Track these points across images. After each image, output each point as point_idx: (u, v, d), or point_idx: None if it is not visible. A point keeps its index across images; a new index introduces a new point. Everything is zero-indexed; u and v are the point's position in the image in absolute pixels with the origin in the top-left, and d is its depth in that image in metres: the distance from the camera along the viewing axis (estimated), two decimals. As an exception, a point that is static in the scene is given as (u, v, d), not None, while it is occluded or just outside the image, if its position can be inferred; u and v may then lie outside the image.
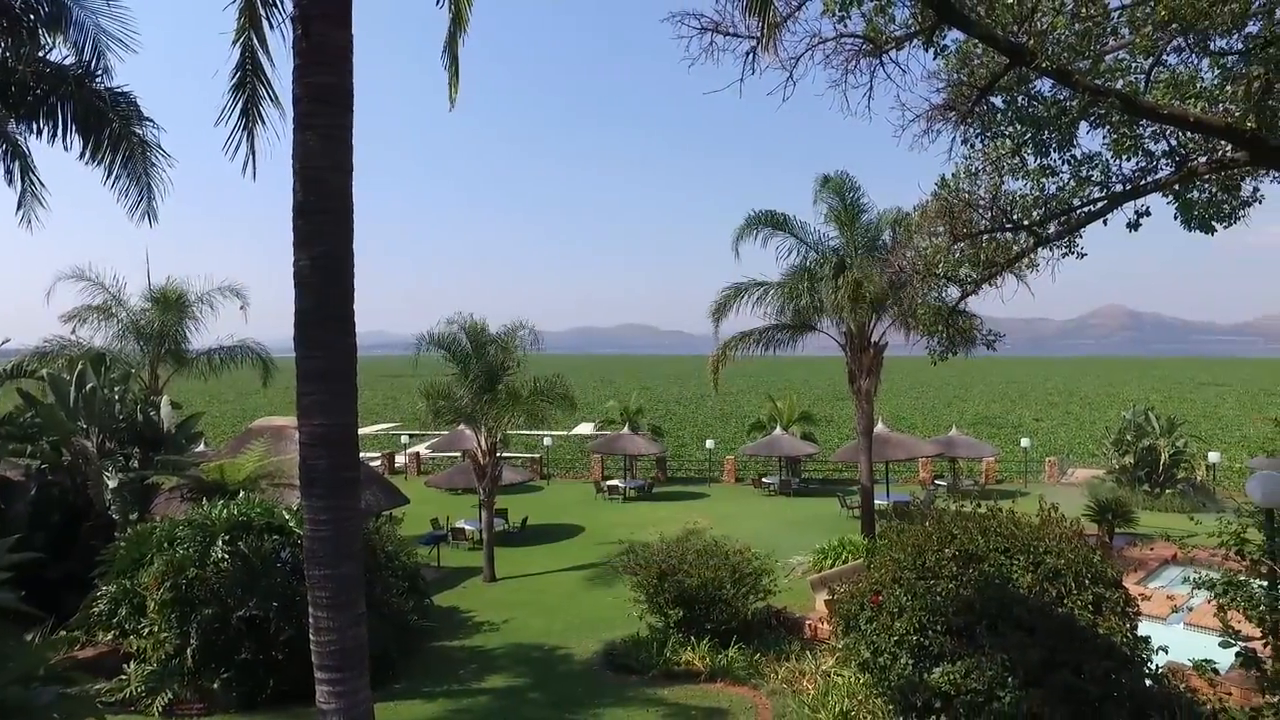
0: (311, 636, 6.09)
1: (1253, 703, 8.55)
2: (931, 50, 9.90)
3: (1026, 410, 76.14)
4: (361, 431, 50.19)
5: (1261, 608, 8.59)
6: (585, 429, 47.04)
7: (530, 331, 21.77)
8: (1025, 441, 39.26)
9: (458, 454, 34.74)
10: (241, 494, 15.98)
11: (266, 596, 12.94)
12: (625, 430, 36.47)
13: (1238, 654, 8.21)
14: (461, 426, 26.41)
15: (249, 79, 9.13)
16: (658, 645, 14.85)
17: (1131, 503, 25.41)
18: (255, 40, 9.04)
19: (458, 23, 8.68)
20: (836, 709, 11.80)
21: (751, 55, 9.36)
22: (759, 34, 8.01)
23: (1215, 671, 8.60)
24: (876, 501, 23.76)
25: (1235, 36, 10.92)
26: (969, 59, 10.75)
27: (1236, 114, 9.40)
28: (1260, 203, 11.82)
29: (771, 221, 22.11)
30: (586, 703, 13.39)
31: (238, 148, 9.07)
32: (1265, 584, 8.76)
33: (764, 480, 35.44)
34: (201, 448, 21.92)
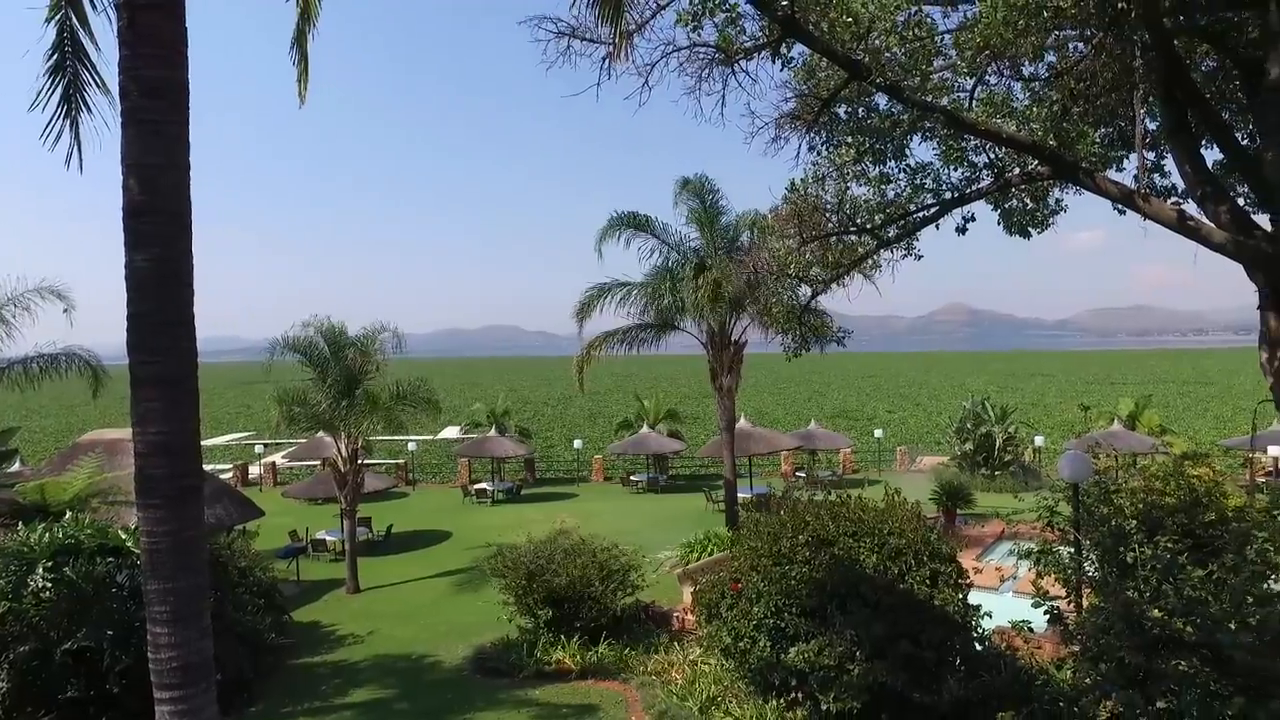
0: (150, 655, 5.75)
1: (1060, 654, 9.55)
2: (779, 62, 10.43)
3: (880, 403, 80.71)
4: (211, 442, 47.23)
5: (1068, 571, 9.60)
6: (451, 433, 46.12)
7: (393, 334, 21.20)
8: (879, 432, 41.69)
9: (317, 462, 33.29)
10: (69, 515, 14.72)
11: (99, 625, 11.96)
12: (492, 433, 36.06)
13: (1046, 612, 9.15)
14: (320, 434, 25.35)
15: (69, 61, 8.43)
16: (528, 646, 14.85)
17: (971, 485, 27.54)
18: (75, 20, 8.38)
19: (306, 17, 8.40)
20: (704, 696, 12.22)
21: (607, 61, 9.58)
22: (612, 41, 8.20)
23: (1031, 630, 9.53)
24: (740, 494, 24.63)
25: (1041, 65, 12.13)
26: (814, 72, 11.41)
27: (1039, 133, 10.45)
28: (1064, 211, 13.17)
29: (634, 223, 22.50)
30: (456, 709, 13.24)
31: (58, 136, 8.38)
32: (1071, 550, 9.78)
33: (632, 478, 35.93)
34: (17, 466, 19.99)
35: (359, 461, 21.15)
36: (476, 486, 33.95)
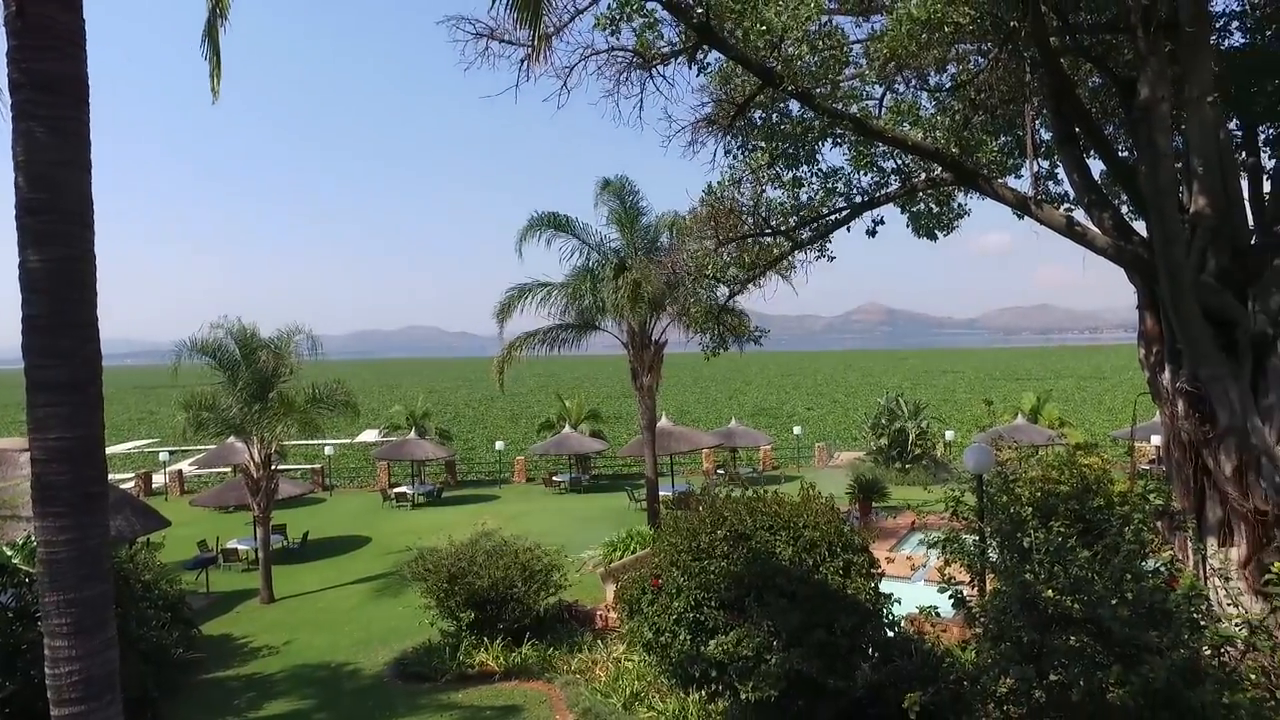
0: (48, 671, 5.51)
1: (965, 636, 10.06)
2: (695, 68, 10.66)
3: (799, 400, 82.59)
4: (111, 450, 44.95)
5: (972, 558, 10.11)
6: (370, 436, 45.16)
7: (307, 336, 20.66)
8: (797, 429, 42.68)
9: (227, 469, 32.12)
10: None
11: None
12: (412, 435, 35.46)
13: (951, 597, 9.63)
14: (231, 439, 24.49)
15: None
16: (450, 650, 14.73)
17: (885, 479, 28.55)
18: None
19: (218, 10, 8.17)
20: (627, 691, 12.38)
21: (526, 63, 9.62)
22: (530, 44, 8.26)
23: (938, 615, 10.00)
24: (662, 493, 24.91)
25: (945, 76, 12.75)
26: (729, 78, 11.70)
27: (943, 141, 10.98)
28: (968, 215, 13.88)
29: (555, 223, 22.52)
30: (378, 717, 13.05)
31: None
32: (976, 538, 10.30)
33: (554, 479, 35.88)
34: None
35: (273, 467, 20.54)
36: (396, 490, 33.34)
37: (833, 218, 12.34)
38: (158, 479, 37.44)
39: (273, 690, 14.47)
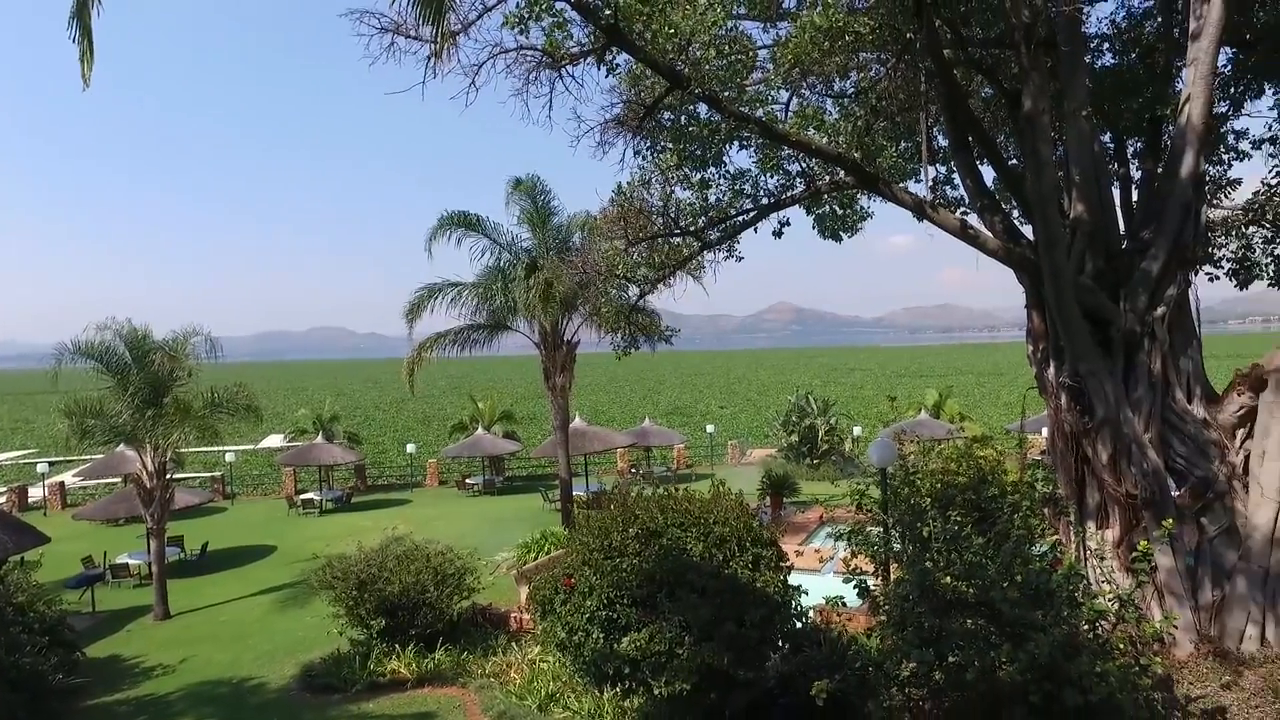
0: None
1: (870, 624, 10.44)
2: (604, 69, 10.70)
3: (713, 399, 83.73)
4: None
5: (876, 549, 10.49)
6: (274, 441, 43.46)
7: (206, 338, 19.74)
8: (710, 428, 43.29)
9: (117, 479, 30.40)
10: None
11: None
12: (319, 439, 34.33)
13: (855, 587, 9.99)
14: (121, 448, 23.20)
15: None
16: (360, 659, 14.37)
17: (796, 475, 29.25)
18: None
19: (89, -10, 7.72)
20: (542, 693, 12.34)
21: (432, 60, 9.47)
22: (435, 41, 8.15)
23: (844, 605, 10.36)
24: (575, 493, 24.89)
25: (848, 83, 13.18)
26: (638, 79, 11.80)
27: (845, 145, 11.37)
28: (871, 217, 14.39)
29: (465, 222, 22.22)
30: (282, 731, 12.62)
31: None
32: (880, 530, 10.69)
33: (468, 481, 35.39)
34: None
35: (168, 476, 19.55)
36: (303, 496, 32.25)
37: (740, 219, 12.60)
38: (34, 492, 35.07)
39: (168, 712, 13.81)
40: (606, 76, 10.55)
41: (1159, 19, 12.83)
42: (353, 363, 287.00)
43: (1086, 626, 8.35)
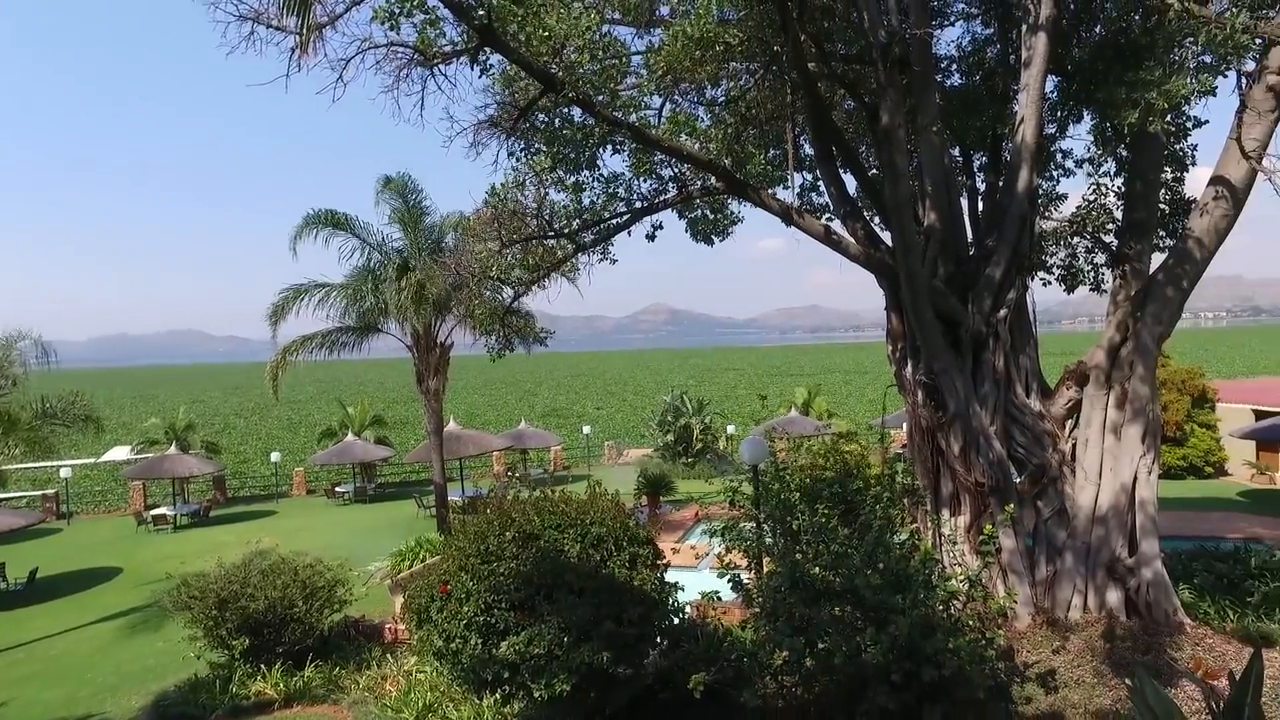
0: None
1: (745, 616, 10.81)
2: (478, 69, 10.56)
3: (589, 400, 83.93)
4: None
5: (749, 543, 10.86)
6: (120, 453, 40.23)
7: (35, 342, 18.08)
8: (587, 429, 43.39)
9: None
10: None
11: None
12: (172, 450, 32.12)
13: (729, 581, 10.31)
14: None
15: None
16: (221, 682, 13.56)
17: (672, 474, 29.77)
18: None
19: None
20: (420, 704, 12.02)
21: (296, 53, 9.07)
22: (300, 33, 7.82)
23: (720, 599, 10.66)
24: (451, 498, 24.42)
25: (719, 91, 13.56)
26: (512, 81, 11.72)
27: (716, 152, 11.70)
28: (741, 221, 14.85)
29: (332, 221, 21.38)
30: (131, 766, 11.74)
31: None
32: (753, 525, 11.07)
33: (338, 489, 34.05)
34: None
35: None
36: (154, 512, 30.07)
37: (614, 222, 12.74)
38: None
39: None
40: (480, 77, 10.43)
41: (998, 46, 13.90)
42: (210, 368, 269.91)
43: (941, 607, 8.96)
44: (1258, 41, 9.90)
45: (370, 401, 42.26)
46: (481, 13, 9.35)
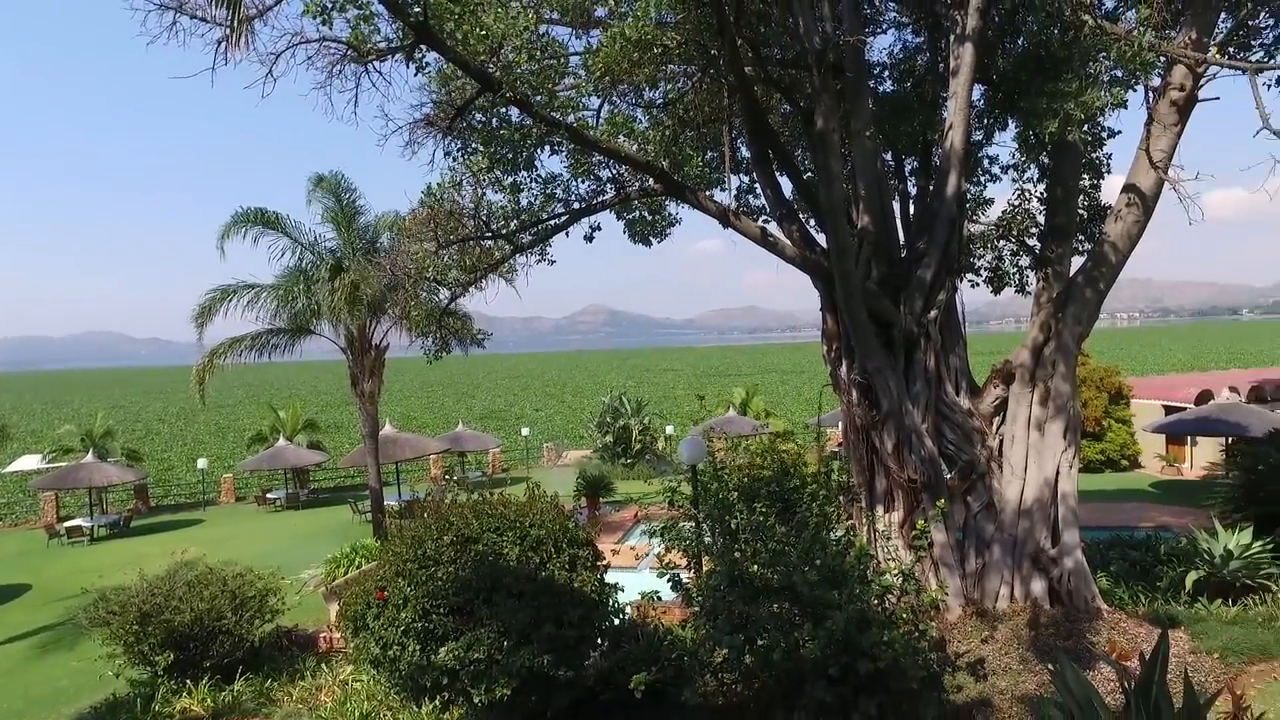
0: None
1: (685, 616, 10.88)
2: (414, 67, 10.39)
3: (528, 401, 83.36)
4: None
5: (689, 543, 10.94)
6: (29, 462, 38.22)
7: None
8: (526, 430, 43.07)
9: None
10: None
11: None
12: (89, 458, 30.69)
13: (669, 581, 10.38)
14: None
15: None
16: (143, 701, 12.99)
17: (612, 475, 29.77)
18: None
19: None
20: (356, 714, 11.75)
21: (224, 45, 8.79)
22: (229, 25, 7.59)
23: (660, 599, 10.72)
24: (387, 502, 23.99)
25: (658, 92, 13.62)
26: (449, 80, 11.58)
27: (654, 153, 11.76)
28: (679, 223, 14.94)
29: (262, 220, 20.78)
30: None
31: None
32: (691, 525, 11.15)
33: (269, 496, 33.08)
34: None
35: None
36: (69, 524, 28.67)
37: (552, 222, 12.69)
38: None
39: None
40: (415, 75, 10.25)
41: (928, 54, 14.31)
42: (131, 371, 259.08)
43: (876, 601, 9.17)
44: (1162, 59, 10.42)
45: (303, 405, 41.18)
46: (417, 10, 9.21)
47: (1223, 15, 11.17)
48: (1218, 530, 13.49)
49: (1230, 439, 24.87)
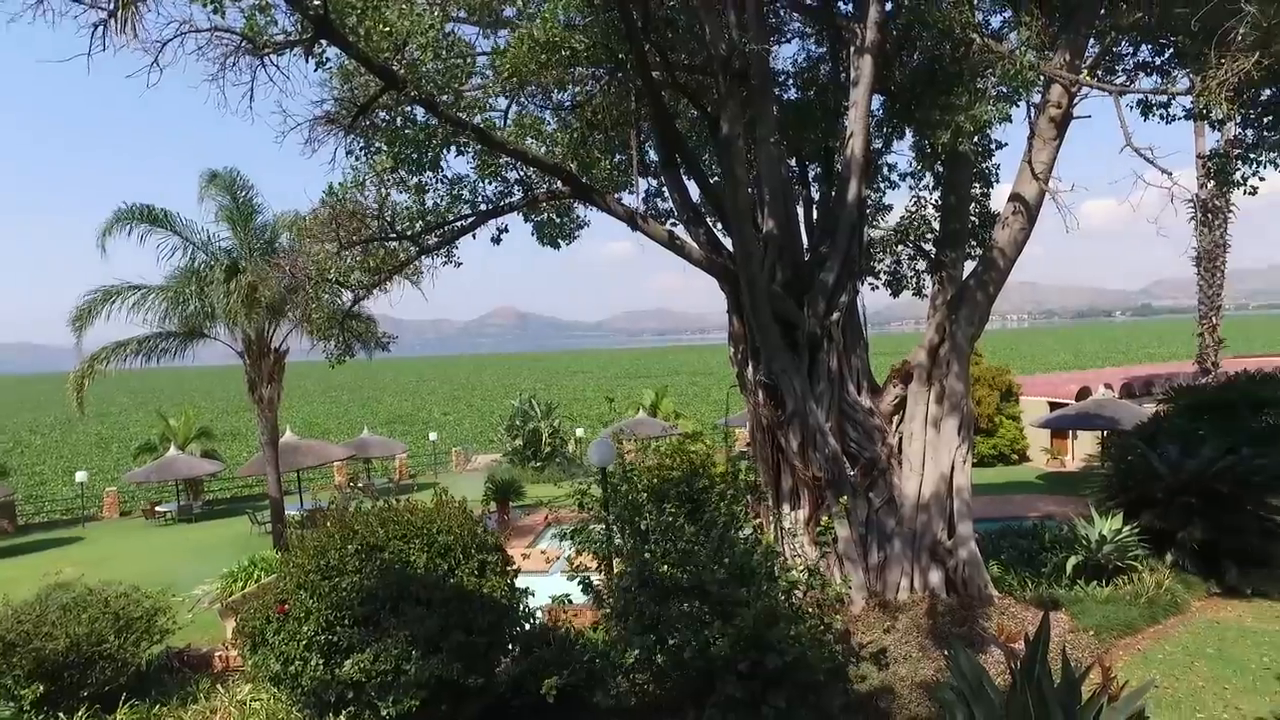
0: None
1: (596, 618, 10.90)
2: (314, 62, 10.06)
3: (436, 405, 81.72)
4: None
5: (599, 545, 10.95)
6: None
7: None
8: (434, 435, 42.23)
9: None
10: None
11: None
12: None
13: (580, 584, 10.37)
14: None
15: None
16: (4, 739, 12.06)
17: (522, 479, 29.47)
18: None
19: None
20: (254, 735, 11.26)
21: (103, 30, 8.30)
22: (110, 7, 7.17)
23: (571, 602, 10.69)
24: (289, 512, 23.11)
25: (566, 95, 13.60)
26: (351, 76, 11.26)
27: (562, 156, 11.74)
28: (588, 226, 14.93)
29: (149, 217, 19.62)
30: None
31: None
32: (602, 527, 11.16)
33: (158, 509, 31.31)
34: None
35: None
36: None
37: (459, 224, 12.51)
38: None
39: None
40: (316, 70, 9.91)
41: (831, 64, 14.78)
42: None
43: (783, 597, 9.39)
44: (1041, 78, 11.09)
45: (197, 412, 39.22)
46: (317, 3, 8.92)
47: (1091, 41, 11.95)
48: (1094, 517, 14.39)
49: (1105, 432, 26.58)
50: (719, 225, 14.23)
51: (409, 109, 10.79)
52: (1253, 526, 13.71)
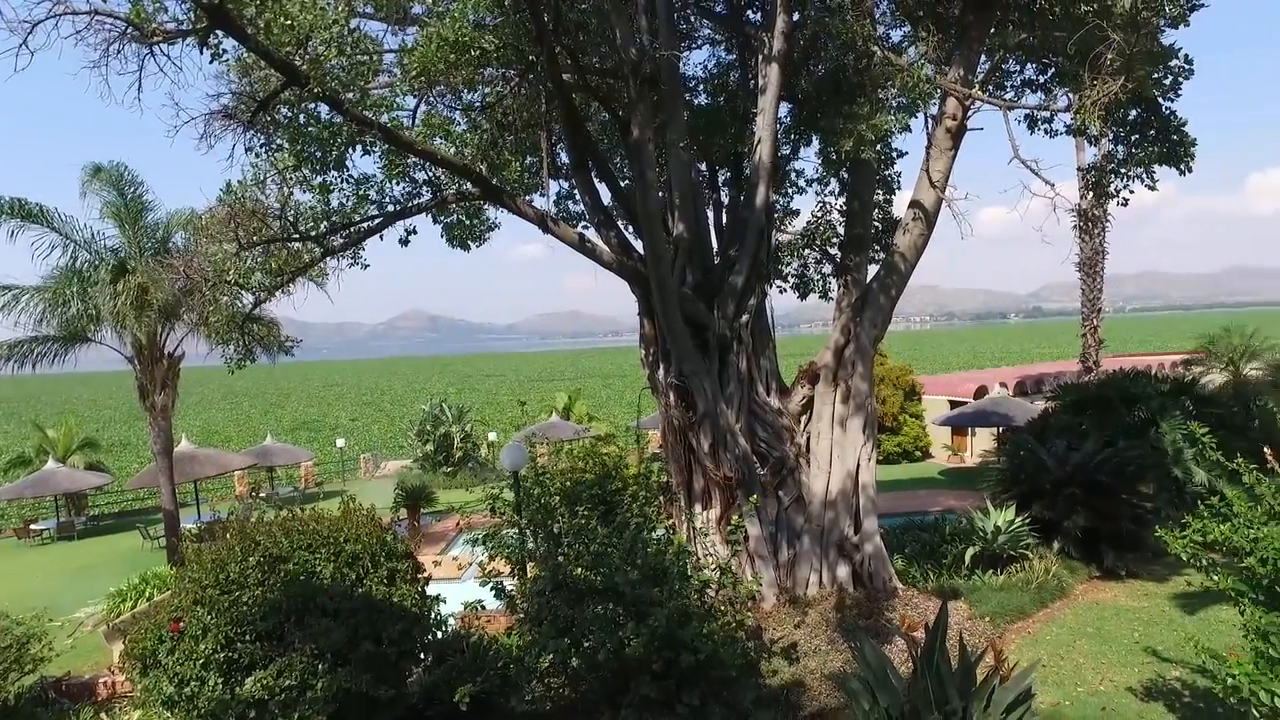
0: None
1: (510, 623, 10.79)
2: (209, 53, 9.63)
3: (343, 411, 79.30)
4: None
5: (512, 550, 10.86)
6: None
7: None
8: (341, 442, 40.98)
9: None
10: None
11: None
12: None
13: (492, 590, 10.26)
14: None
15: None
16: None
17: (433, 485, 28.89)
18: None
19: None
20: (144, 762, 10.67)
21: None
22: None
23: (484, 607, 10.55)
24: (185, 525, 22.00)
25: (477, 95, 13.42)
26: (250, 70, 10.83)
27: (472, 157, 11.58)
28: (498, 228, 14.79)
29: (22, 212, 18.31)
30: None
31: None
32: (515, 531, 11.06)
33: (34, 527, 29.31)
34: None
35: None
36: None
37: (365, 225, 12.19)
38: None
39: None
40: (211, 63, 9.49)
41: (740, 71, 15.07)
42: None
43: (696, 596, 9.50)
44: (938, 91, 11.61)
45: (80, 422, 36.93)
46: (210, -9, 8.55)
47: (983, 58, 12.57)
48: (990, 510, 15.13)
49: (1000, 428, 27.98)
50: (630, 228, 14.30)
51: (313, 106, 10.44)
52: (1126, 513, 14.71)
